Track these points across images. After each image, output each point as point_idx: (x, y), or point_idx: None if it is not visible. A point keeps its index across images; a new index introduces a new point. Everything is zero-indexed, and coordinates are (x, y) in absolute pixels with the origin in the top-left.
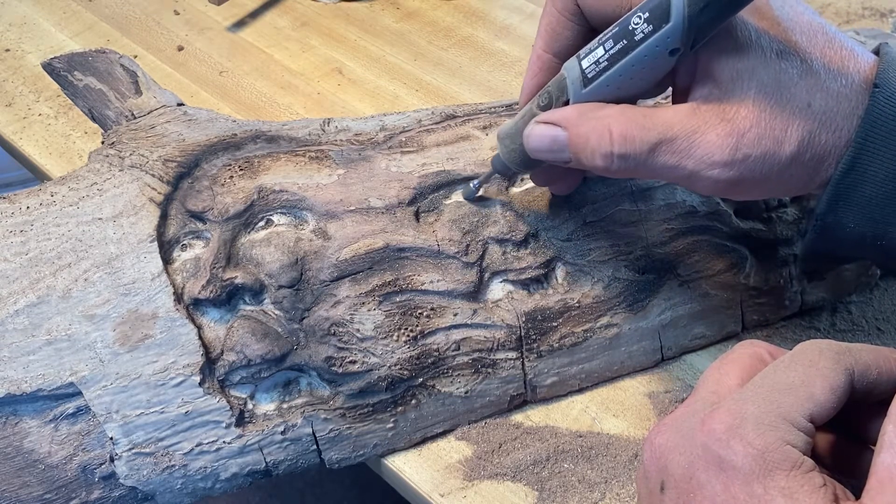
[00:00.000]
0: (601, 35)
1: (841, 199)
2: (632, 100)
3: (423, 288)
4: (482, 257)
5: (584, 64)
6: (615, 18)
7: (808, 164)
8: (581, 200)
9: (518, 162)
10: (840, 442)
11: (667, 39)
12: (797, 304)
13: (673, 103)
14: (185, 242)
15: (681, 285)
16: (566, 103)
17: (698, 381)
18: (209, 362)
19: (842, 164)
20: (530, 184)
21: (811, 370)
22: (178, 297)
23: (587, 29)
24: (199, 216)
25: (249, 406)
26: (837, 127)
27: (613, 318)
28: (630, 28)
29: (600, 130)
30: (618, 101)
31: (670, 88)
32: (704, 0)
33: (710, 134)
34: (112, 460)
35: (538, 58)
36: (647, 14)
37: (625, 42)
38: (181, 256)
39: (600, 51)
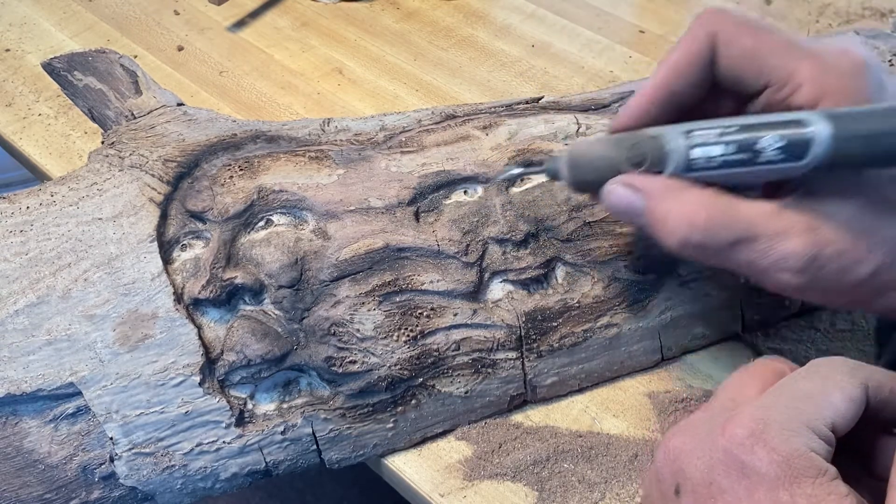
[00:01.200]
0: (722, 126)
1: None
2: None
3: (423, 288)
4: (482, 257)
5: (694, 153)
6: (748, 87)
7: (880, 288)
8: (581, 200)
9: (580, 188)
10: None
11: (793, 171)
12: (797, 304)
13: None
14: (184, 242)
15: (681, 285)
16: (658, 173)
17: (717, 390)
18: (209, 362)
19: None
20: (530, 184)
21: (828, 381)
22: (178, 297)
23: (710, 82)
24: (198, 216)
25: (249, 406)
26: None
27: (613, 318)
28: (757, 147)
29: (683, 215)
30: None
31: None
32: (850, 155)
33: (792, 241)
34: (112, 460)
35: (655, 89)
36: (782, 143)
37: (747, 156)
38: (181, 256)
39: (717, 150)
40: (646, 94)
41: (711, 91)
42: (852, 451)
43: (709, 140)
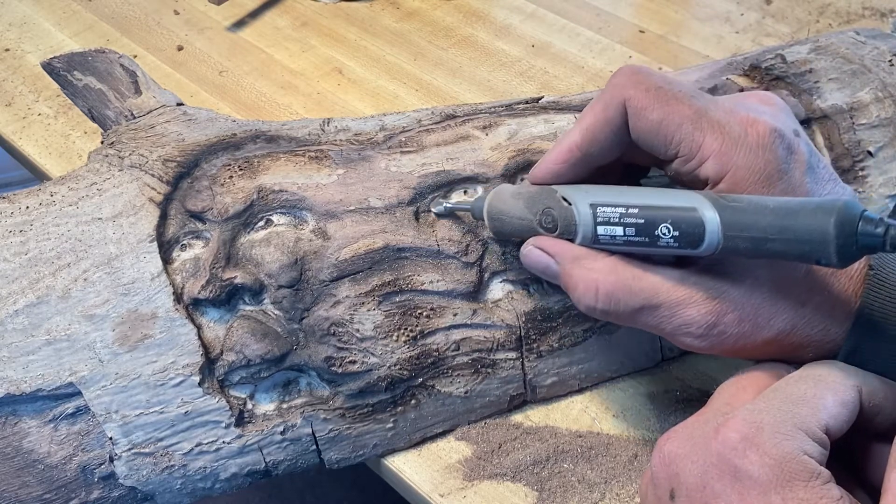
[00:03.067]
0: (624, 207)
1: None
2: None
3: (422, 288)
4: (482, 257)
5: (600, 231)
6: (660, 154)
7: (785, 348)
8: None
9: (500, 237)
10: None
11: (692, 254)
12: None
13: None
14: (184, 242)
15: None
16: (570, 240)
17: (714, 393)
18: (209, 362)
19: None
20: None
21: (821, 384)
22: (178, 297)
23: (627, 143)
24: (198, 216)
25: (249, 406)
26: (824, 327)
27: None
28: (655, 234)
29: (589, 283)
30: None
31: None
32: (738, 250)
33: (691, 309)
34: (111, 460)
35: (569, 149)
36: (676, 232)
37: (647, 239)
38: (181, 256)
39: (619, 230)
40: (560, 152)
41: (630, 145)
42: (845, 457)
43: (612, 220)
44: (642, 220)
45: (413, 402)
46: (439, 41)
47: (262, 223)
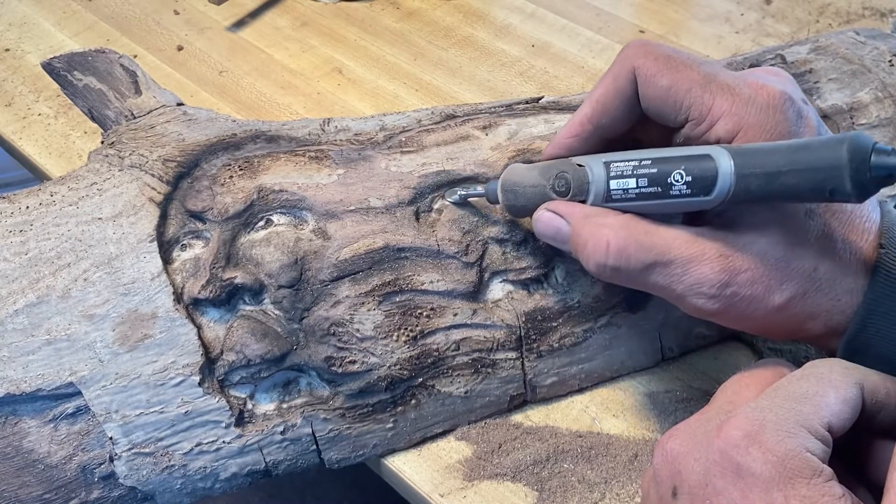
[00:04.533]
0: (637, 160)
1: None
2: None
3: (422, 288)
4: (482, 257)
5: (612, 185)
6: (670, 121)
7: (795, 317)
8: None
9: (513, 213)
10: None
11: (704, 204)
12: None
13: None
14: (184, 242)
15: None
16: (582, 202)
17: (716, 391)
18: (209, 362)
19: (845, 336)
20: None
21: (823, 381)
22: (178, 297)
23: (638, 114)
24: (198, 216)
25: (249, 406)
26: (835, 295)
27: (613, 318)
28: (668, 181)
29: (599, 239)
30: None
31: None
32: (751, 191)
33: (704, 266)
34: (111, 460)
35: (580, 123)
36: (688, 178)
37: (659, 189)
38: (181, 256)
39: (631, 182)
40: (572, 126)
41: (641, 119)
42: (848, 455)
43: (625, 173)
44: (655, 170)
45: (413, 402)
46: (439, 41)
47: (262, 223)
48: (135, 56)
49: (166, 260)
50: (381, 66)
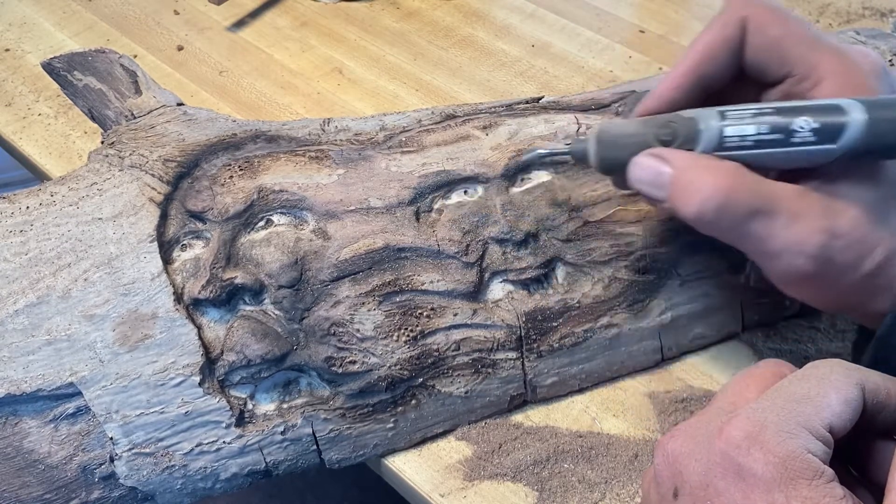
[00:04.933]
0: (756, 108)
1: None
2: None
3: (423, 288)
4: (482, 257)
5: (727, 132)
6: (771, 75)
7: (875, 288)
8: (581, 201)
9: (605, 167)
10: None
11: (826, 154)
12: (797, 304)
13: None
14: (184, 242)
15: (681, 285)
16: (689, 150)
17: (717, 392)
18: (209, 362)
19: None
20: (531, 184)
21: (824, 382)
22: (178, 297)
23: (737, 68)
24: (198, 216)
25: (249, 406)
26: None
27: (613, 319)
28: (791, 128)
29: (708, 178)
30: None
31: None
32: (882, 141)
33: (809, 222)
34: (112, 460)
35: (682, 74)
36: (815, 125)
37: (780, 136)
38: (181, 256)
39: (750, 129)
40: (675, 77)
41: (734, 78)
42: (848, 455)
43: (743, 119)
44: (778, 117)
45: (413, 402)
46: (439, 41)
47: (262, 223)
48: (135, 56)
49: (166, 260)
50: (382, 66)
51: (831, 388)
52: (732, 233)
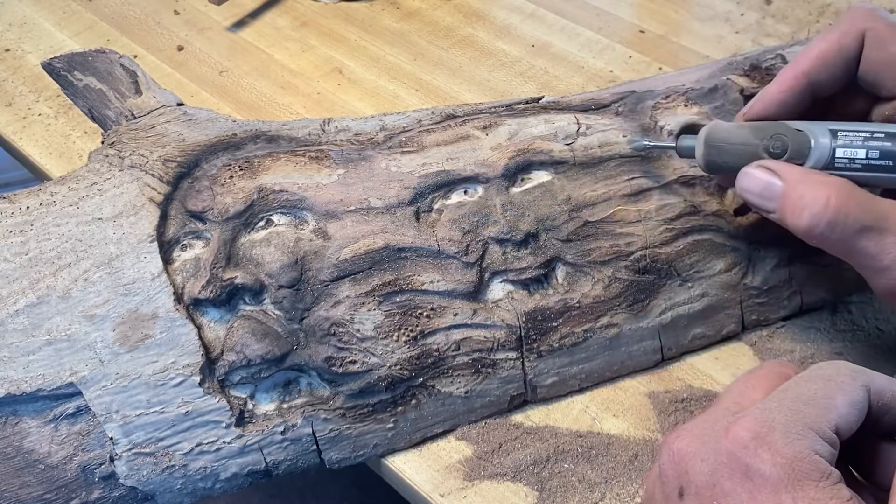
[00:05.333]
0: (868, 131)
1: None
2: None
3: (423, 288)
4: (482, 257)
5: (838, 153)
6: (885, 91)
7: None
8: (581, 201)
9: (712, 169)
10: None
11: None
12: (797, 304)
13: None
14: (185, 242)
15: (681, 285)
16: (798, 164)
17: (722, 392)
18: (209, 362)
19: None
20: (531, 184)
21: (830, 384)
22: (178, 297)
23: (850, 80)
24: (199, 216)
25: (249, 406)
26: None
27: (613, 318)
28: None
29: (820, 194)
30: None
31: None
32: None
33: None
34: (112, 460)
35: (795, 76)
36: None
37: (890, 163)
38: (181, 256)
39: (861, 153)
40: (786, 80)
41: (845, 88)
42: (853, 457)
43: (855, 142)
44: (889, 144)
45: (413, 402)
46: (439, 41)
47: (262, 223)
48: (135, 56)
49: (166, 260)
50: (382, 67)
51: (838, 389)
52: (842, 246)
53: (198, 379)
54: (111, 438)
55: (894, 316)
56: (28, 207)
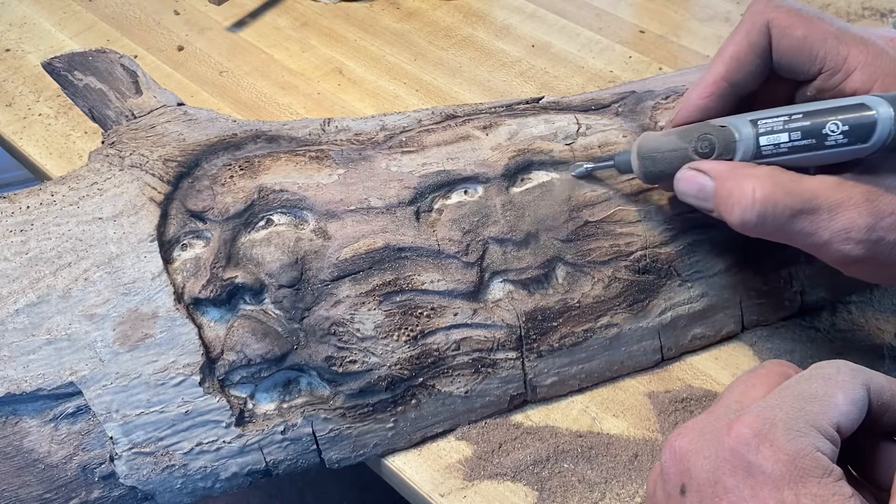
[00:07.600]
0: (787, 114)
1: None
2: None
3: (423, 288)
4: (482, 257)
5: (763, 141)
6: (802, 74)
7: None
8: (581, 201)
9: (650, 179)
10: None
11: (858, 153)
12: (797, 304)
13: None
14: (185, 242)
15: (681, 285)
16: (728, 160)
17: (723, 391)
18: (209, 362)
19: None
20: (531, 184)
21: (831, 382)
22: (179, 297)
23: (768, 71)
24: (199, 216)
25: (249, 406)
26: None
27: (613, 318)
28: (823, 132)
29: (746, 189)
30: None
31: None
32: None
33: (851, 210)
34: (112, 460)
35: (714, 82)
36: (845, 127)
37: (813, 141)
38: (181, 256)
39: (783, 137)
40: (705, 86)
41: (765, 80)
42: (852, 456)
43: (776, 128)
44: (808, 123)
45: (413, 401)
46: (439, 41)
47: (262, 223)
48: (135, 56)
49: (167, 259)
50: (382, 67)
51: (838, 388)
52: (779, 234)
53: (198, 378)
54: (111, 438)
55: (894, 316)
56: (28, 207)
